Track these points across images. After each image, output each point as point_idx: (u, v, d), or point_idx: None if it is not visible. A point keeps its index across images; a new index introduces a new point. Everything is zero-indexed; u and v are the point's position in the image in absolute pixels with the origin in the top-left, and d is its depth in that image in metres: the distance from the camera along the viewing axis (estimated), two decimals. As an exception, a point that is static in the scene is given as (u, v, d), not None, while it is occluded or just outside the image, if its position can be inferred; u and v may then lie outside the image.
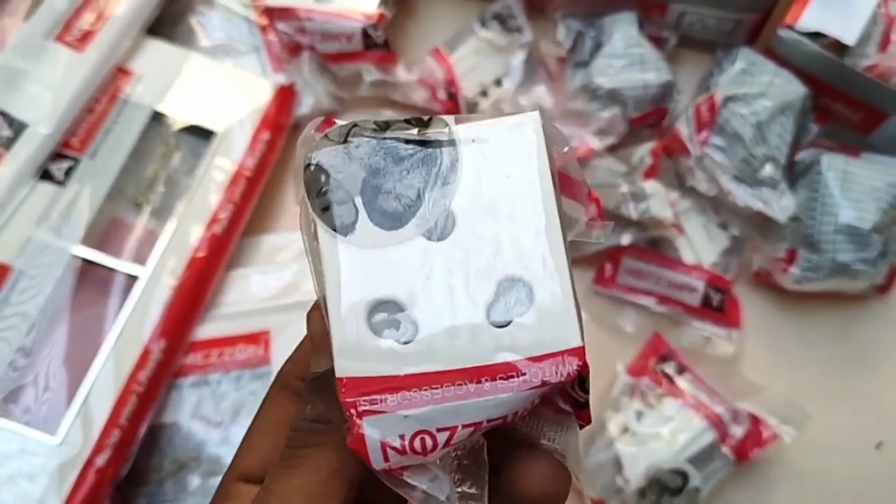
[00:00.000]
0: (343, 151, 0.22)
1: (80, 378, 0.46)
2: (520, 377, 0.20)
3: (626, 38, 0.53)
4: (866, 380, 0.54)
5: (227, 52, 0.58)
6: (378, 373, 0.20)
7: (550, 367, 0.20)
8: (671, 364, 0.51)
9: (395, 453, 0.20)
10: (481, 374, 0.20)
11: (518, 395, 0.20)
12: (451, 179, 0.21)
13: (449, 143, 0.22)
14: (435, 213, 0.21)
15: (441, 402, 0.20)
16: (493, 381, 0.20)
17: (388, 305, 0.21)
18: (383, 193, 0.22)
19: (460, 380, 0.20)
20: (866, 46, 0.52)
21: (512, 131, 0.22)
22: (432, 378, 0.20)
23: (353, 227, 0.21)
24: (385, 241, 0.21)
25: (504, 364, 0.20)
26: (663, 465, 0.47)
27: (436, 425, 0.20)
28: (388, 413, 0.20)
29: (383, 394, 0.20)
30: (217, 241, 0.51)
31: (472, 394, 0.20)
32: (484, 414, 0.20)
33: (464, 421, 0.20)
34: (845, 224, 0.50)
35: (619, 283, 0.53)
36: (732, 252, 0.54)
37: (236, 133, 0.54)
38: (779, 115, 0.51)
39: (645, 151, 0.51)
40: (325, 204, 0.22)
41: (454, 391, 0.20)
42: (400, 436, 0.20)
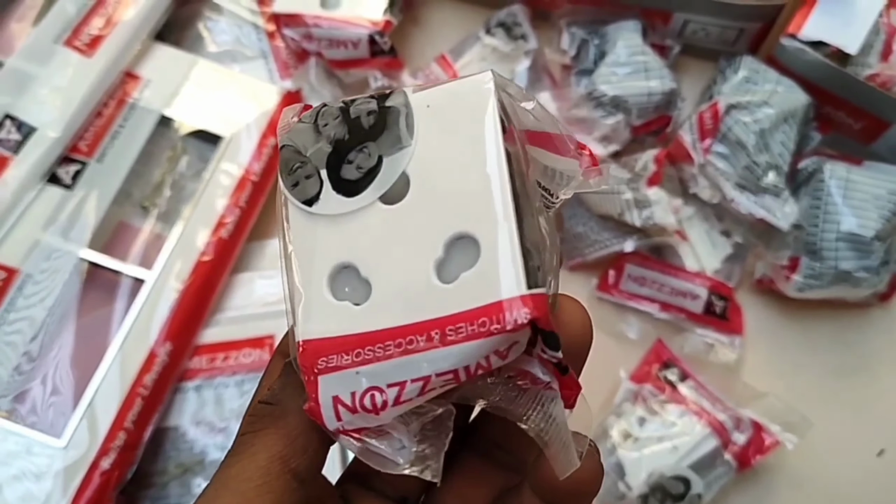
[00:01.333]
0: (312, 129, 0.23)
1: (87, 381, 0.46)
2: (467, 328, 0.20)
3: (630, 47, 0.54)
4: (868, 387, 0.54)
5: (235, 58, 0.58)
6: (334, 333, 0.21)
7: (495, 316, 0.20)
8: (674, 370, 0.51)
9: (347, 411, 0.21)
10: (429, 327, 0.20)
11: (464, 346, 0.20)
12: (406, 144, 0.22)
13: (405, 110, 0.22)
14: (391, 178, 0.22)
15: (391, 357, 0.20)
16: (443, 333, 0.20)
17: (348, 270, 0.22)
18: (346, 164, 0.22)
19: (410, 334, 0.20)
20: (868, 56, 0.53)
21: (464, 93, 0.22)
22: (383, 335, 0.21)
23: (318, 198, 0.22)
24: (346, 207, 0.22)
25: (451, 315, 0.20)
26: (665, 472, 0.48)
27: (385, 381, 0.20)
28: (340, 371, 0.21)
29: (338, 352, 0.21)
30: (223, 246, 0.51)
31: (421, 348, 0.20)
32: (431, 367, 0.20)
33: (412, 375, 0.20)
34: (847, 232, 0.50)
35: (622, 289, 0.54)
36: (735, 259, 0.54)
37: (243, 138, 0.54)
38: (781, 124, 0.51)
39: (648, 159, 0.52)
40: (295, 180, 0.23)
41: (404, 346, 0.20)
42: (351, 393, 0.21)
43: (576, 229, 0.53)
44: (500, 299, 0.20)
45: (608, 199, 0.51)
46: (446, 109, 0.22)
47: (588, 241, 0.53)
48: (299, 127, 0.23)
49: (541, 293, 0.20)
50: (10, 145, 0.50)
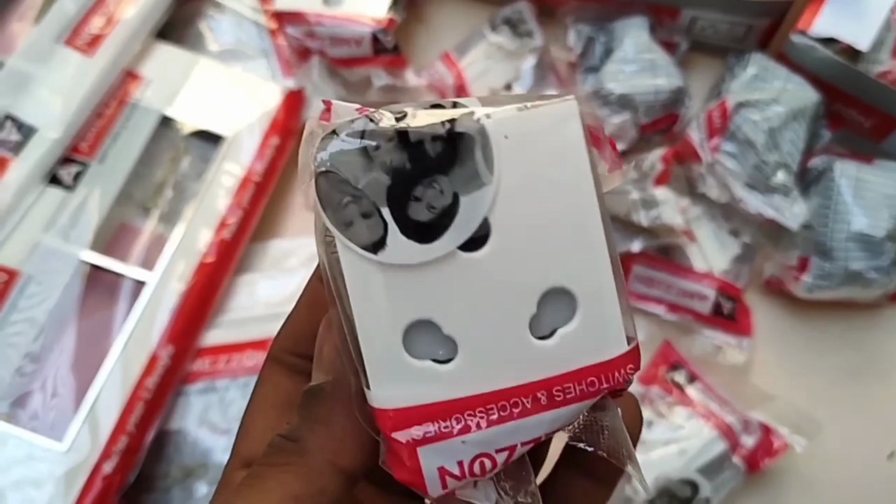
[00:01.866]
0: (360, 152, 0.19)
1: (88, 384, 0.46)
2: (576, 389, 0.20)
3: (637, 44, 0.53)
4: (878, 389, 0.53)
5: (237, 57, 0.57)
6: (425, 399, 0.19)
7: (604, 375, 0.20)
8: (682, 373, 0.51)
9: (454, 479, 0.20)
10: (535, 388, 0.19)
11: (574, 406, 0.20)
12: (486, 181, 0.19)
13: (481, 139, 0.19)
14: (472, 222, 0.19)
15: (498, 423, 0.19)
16: (549, 395, 0.19)
17: (425, 326, 0.19)
18: (413, 201, 0.19)
19: (514, 397, 0.19)
20: (879, 52, 0.52)
21: (550, 123, 0.19)
22: (485, 399, 0.19)
23: (384, 244, 0.19)
24: (420, 256, 0.19)
25: (558, 376, 0.19)
26: (673, 475, 0.47)
27: (495, 446, 0.20)
28: (443, 440, 0.19)
29: (436, 420, 0.19)
30: (225, 247, 0.51)
31: (529, 410, 0.19)
32: (543, 429, 0.20)
33: (523, 438, 0.20)
34: (858, 232, 0.49)
35: (629, 290, 0.53)
36: (744, 259, 0.54)
37: (245, 138, 0.53)
38: (791, 122, 0.50)
39: (656, 158, 0.51)
40: (348, 219, 0.19)
41: (510, 410, 0.19)
42: (458, 462, 0.19)
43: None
44: (607, 359, 0.20)
45: (615, 198, 0.50)
46: (529, 142, 0.19)
47: (594, 242, 0.53)
48: (343, 147, 0.19)
49: (636, 344, 0.20)
50: (11, 146, 0.50)
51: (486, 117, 0.19)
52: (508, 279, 0.19)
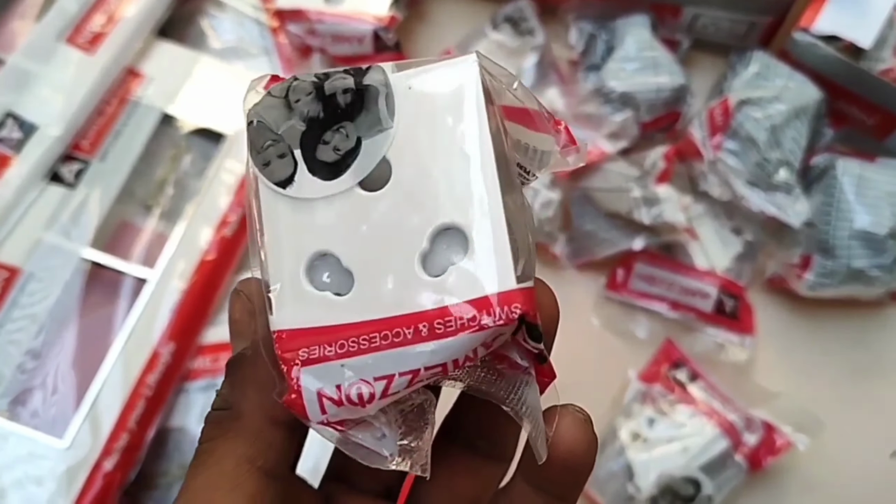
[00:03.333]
0: (283, 105, 0.21)
1: (89, 381, 0.46)
2: (456, 322, 0.19)
3: (639, 41, 0.53)
4: (881, 387, 0.53)
5: (238, 55, 0.57)
6: (315, 323, 0.20)
7: (485, 310, 0.19)
8: (684, 370, 0.51)
9: (332, 404, 0.20)
10: (417, 320, 0.20)
11: (454, 340, 0.19)
12: (387, 126, 0.21)
13: (385, 90, 0.21)
14: (371, 162, 0.21)
15: (378, 349, 0.20)
16: (430, 326, 0.20)
17: (326, 258, 0.21)
18: (322, 144, 0.21)
19: (397, 327, 0.20)
20: (882, 50, 0.52)
21: (448, 76, 0.21)
22: (369, 326, 0.20)
23: (292, 180, 0.21)
24: (322, 191, 0.21)
25: (439, 309, 0.20)
26: (675, 473, 0.47)
27: (373, 374, 0.20)
28: (325, 363, 0.20)
29: (321, 344, 0.20)
30: (227, 244, 0.51)
31: (409, 341, 0.20)
32: (420, 361, 0.20)
33: (400, 369, 0.20)
34: (861, 230, 0.49)
35: (631, 288, 0.53)
36: (746, 257, 0.53)
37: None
38: (793, 120, 0.50)
39: (658, 156, 0.51)
40: (266, 159, 0.21)
41: (391, 339, 0.20)
42: (336, 386, 0.20)
43: (584, 227, 0.53)
44: (490, 293, 0.20)
45: (617, 196, 0.50)
46: (429, 91, 0.21)
47: (597, 240, 0.52)
48: (269, 101, 0.21)
49: (529, 287, 0.20)
50: (12, 144, 0.50)
51: (391, 71, 0.21)
52: (402, 216, 0.21)
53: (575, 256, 0.54)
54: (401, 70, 0.21)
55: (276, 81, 0.22)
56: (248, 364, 0.22)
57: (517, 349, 0.21)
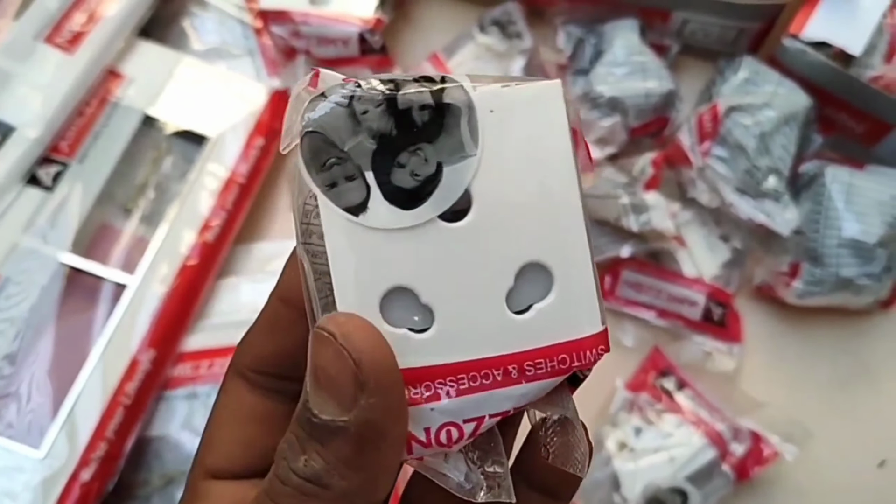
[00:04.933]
0: (348, 115, 0.19)
1: (66, 389, 0.45)
2: (547, 365, 0.20)
3: (628, 46, 0.52)
4: (869, 396, 0.53)
5: (221, 56, 0.56)
6: (400, 365, 0.19)
7: (575, 353, 0.20)
8: (671, 379, 0.50)
9: (420, 446, 0.20)
10: (506, 362, 0.19)
11: (544, 382, 0.20)
12: (471, 153, 0.19)
13: (468, 112, 0.19)
14: (454, 192, 0.19)
15: (467, 392, 0.19)
16: (520, 369, 0.19)
17: (403, 294, 0.19)
18: (397, 168, 0.19)
19: (486, 368, 0.19)
20: (872, 57, 0.51)
21: (534, 101, 0.20)
22: (456, 368, 0.19)
23: (365, 207, 0.19)
24: (400, 222, 0.19)
25: (529, 352, 0.19)
26: (662, 484, 0.46)
27: (462, 416, 0.19)
28: (413, 406, 0.19)
29: (407, 387, 0.19)
30: (208, 249, 0.50)
31: (499, 383, 0.19)
32: (511, 403, 0.20)
33: (491, 411, 0.20)
34: (849, 238, 0.49)
35: (618, 295, 0.52)
36: (734, 265, 0.53)
37: (229, 138, 0.52)
38: (783, 126, 0.50)
39: (646, 162, 0.50)
40: (332, 179, 0.19)
41: (480, 381, 0.19)
42: (425, 429, 0.19)
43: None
44: (580, 337, 0.20)
45: (604, 203, 0.49)
46: (514, 117, 0.19)
47: (584, 246, 0.52)
48: (331, 109, 0.19)
49: (606, 329, 0.20)
50: (-12, 145, 0.49)
51: (473, 90, 0.19)
52: (487, 251, 0.19)
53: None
54: (473, 82, 0.20)
55: (318, 79, 0.19)
56: (351, 443, 0.18)
57: None
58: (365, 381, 0.18)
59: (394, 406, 0.19)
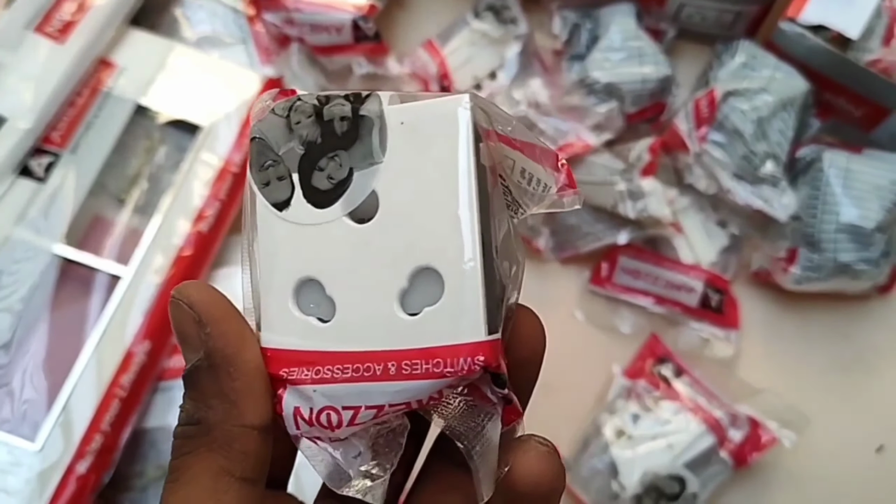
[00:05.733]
0: (285, 126, 0.22)
1: (61, 382, 0.45)
2: (422, 366, 0.20)
3: (624, 31, 0.52)
4: (868, 382, 0.53)
5: (214, 44, 0.56)
6: (297, 346, 0.22)
7: (450, 359, 0.20)
8: (668, 366, 0.50)
9: (304, 423, 0.21)
10: (388, 358, 0.21)
11: (420, 383, 0.20)
12: (378, 160, 0.21)
13: (380, 123, 0.21)
14: (360, 195, 0.21)
15: (348, 381, 0.21)
16: (399, 367, 0.21)
17: (312, 284, 0.22)
18: (317, 171, 0.22)
19: (368, 361, 0.21)
20: (870, 40, 0.51)
21: (441, 115, 0.21)
22: (343, 357, 0.21)
23: (289, 204, 0.22)
24: (314, 218, 0.22)
25: (409, 350, 0.20)
26: (660, 471, 0.46)
27: (341, 403, 0.21)
28: (299, 385, 0.21)
29: (299, 366, 0.21)
30: (203, 239, 0.50)
31: (378, 377, 0.21)
32: (386, 398, 0.21)
33: (367, 402, 0.21)
34: (847, 223, 0.49)
35: (615, 282, 0.52)
36: (731, 251, 0.53)
37: (222, 127, 0.52)
38: (780, 111, 0.49)
39: (643, 148, 0.50)
40: (266, 179, 0.22)
41: (362, 373, 0.21)
42: (309, 408, 0.21)
43: (568, 221, 0.52)
44: (457, 343, 0.20)
45: (601, 190, 0.49)
46: (420, 128, 0.21)
47: (581, 233, 0.52)
48: (272, 120, 0.22)
49: (496, 339, 0.20)
50: (-21, 137, 0.48)
51: (387, 101, 0.21)
52: (385, 251, 0.21)
53: (559, 250, 0.53)
54: (401, 101, 0.22)
55: (284, 96, 0.22)
56: (207, 375, 0.21)
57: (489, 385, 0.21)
58: (200, 319, 0.21)
59: (231, 332, 0.22)
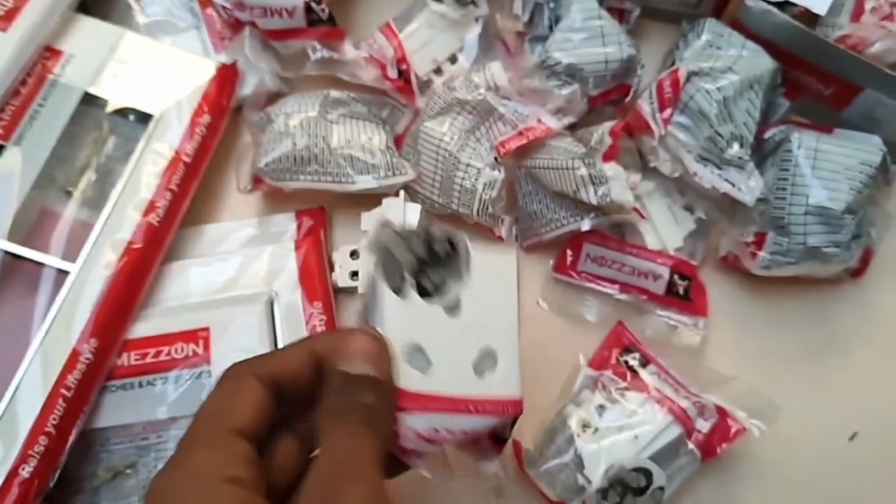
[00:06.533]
0: (405, 244, 0.35)
1: (5, 383, 0.43)
2: (487, 407, 0.35)
3: (585, 10, 0.50)
4: (841, 368, 0.52)
5: (166, 30, 0.54)
6: (409, 387, 0.33)
7: (501, 406, 0.35)
8: (635, 355, 0.49)
9: (415, 438, 0.33)
10: (468, 401, 0.34)
11: (489, 417, 0.35)
12: (465, 278, 0.36)
13: (467, 256, 0.36)
14: (452, 296, 0.35)
15: (444, 412, 0.34)
16: (476, 407, 0.34)
17: (419, 348, 0.34)
18: (424, 275, 0.35)
19: (453, 402, 0.34)
20: (838, 16, 0.50)
21: (500, 258, 0.37)
22: (440, 398, 0.34)
23: (406, 294, 0.35)
24: (421, 306, 0.35)
25: (483, 399, 0.35)
26: (626, 464, 0.45)
27: (436, 426, 0.33)
28: (415, 413, 0.33)
29: (414, 402, 0.33)
30: (154, 232, 0.48)
31: (462, 412, 0.34)
32: (468, 426, 0.34)
33: (453, 427, 0.34)
34: (817, 205, 0.47)
35: (580, 270, 0.51)
36: (699, 235, 0.51)
37: (174, 116, 0.50)
38: (746, 91, 0.48)
39: (604, 132, 0.48)
40: (389, 274, 0.35)
41: (449, 408, 0.34)
42: (416, 429, 0.33)
43: (530, 207, 0.50)
44: (509, 398, 0.35)
45: (562, 175, 0.47)
46: (489, 264, 0.36)
47: (544, 220, 0.50)
48: (395, 238, 0.35)
49: (522, 398, 0.36)
50: (-83, 129, 0.46)
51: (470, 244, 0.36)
52: (464, 334, 0.35)
53: (522, 238, 0.52)
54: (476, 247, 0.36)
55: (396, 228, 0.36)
56: None
57: None
58: None
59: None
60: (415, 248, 0.35)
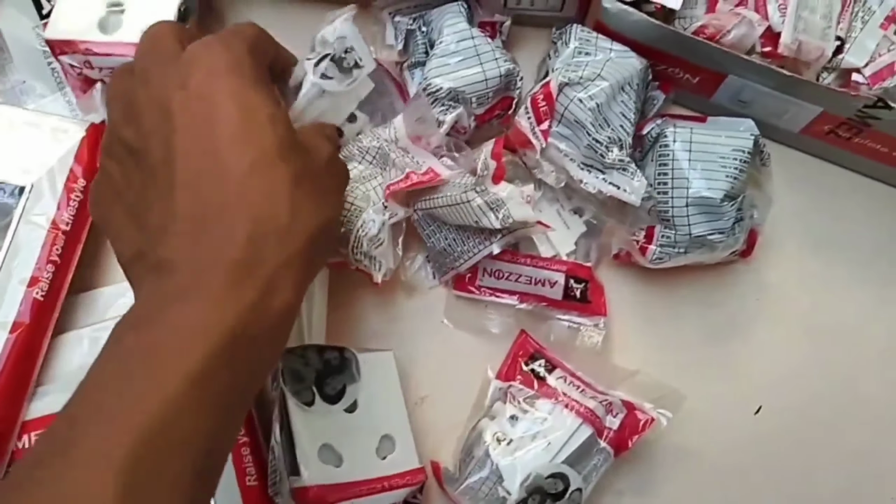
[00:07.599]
0: (303, 363, 0.44)
1: None
2: (398, 483, 0.44)
3: (457, 33, 0.50)
4: (738, 346, 0.53)
5: (27, 94, 0.52)
6: (328, 482, 0.41)
7: (410, 477, 0.45)
8: (540, 362, 0.50)
9: None
10: (381, 481, 0.44)
11: (402, 490, 0.44)
12: (357, 380, 0.45)
13: (356, 362, 0.46)
14: (349, 398, 0.44)
15: (363, 495, 0.42)
16: (389, 484, 0.44)
17: (328, 446, 0.43)
18: (325, 385, 0.44)
19: (371, 484, 0.43)
20: (694, 8, 0.51)
21: (382, 359, 0.48)
22: (356, 484, 0.43)
23: (313, 403, 0.43)
24: (327, 411, 0.44)
25: (391, 476, 0.44)
26: (542, 472, 0.46)
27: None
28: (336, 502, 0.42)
29: (336, 493, 0.42)
30: (40, 307, 0.47)
31: (377, 491, 0.43)
32: (388, 501, 0.44)
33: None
34: (696, 196, 0.49)
35: (479, 285, 0.51)
36: (590, 236, 0.52)
37: (45, 185, 0.49)
38: (618, 94, 0.49)
39: (486, 154, 0.49)
40: (296, 389, 0.43)
41: (367, 491, 0.43)
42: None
43: (438, 246, 0.50)
44: (411, 469, 0.45)
45: (460, 210, 0.47)
46: (376, 366, 0.47)
47: (455, 255, 0.50)
48: (296, 361, 0.44)
49: (423, 466, 0.46)
50: None
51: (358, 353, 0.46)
52: (365, 427, 0.45)
53: (439, 274, 0.52)
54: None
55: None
56: None
57: None
58: None
59: None
60: (314, 363, 0.44)
